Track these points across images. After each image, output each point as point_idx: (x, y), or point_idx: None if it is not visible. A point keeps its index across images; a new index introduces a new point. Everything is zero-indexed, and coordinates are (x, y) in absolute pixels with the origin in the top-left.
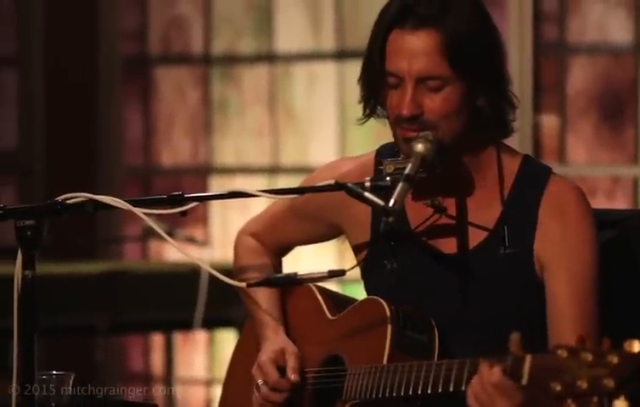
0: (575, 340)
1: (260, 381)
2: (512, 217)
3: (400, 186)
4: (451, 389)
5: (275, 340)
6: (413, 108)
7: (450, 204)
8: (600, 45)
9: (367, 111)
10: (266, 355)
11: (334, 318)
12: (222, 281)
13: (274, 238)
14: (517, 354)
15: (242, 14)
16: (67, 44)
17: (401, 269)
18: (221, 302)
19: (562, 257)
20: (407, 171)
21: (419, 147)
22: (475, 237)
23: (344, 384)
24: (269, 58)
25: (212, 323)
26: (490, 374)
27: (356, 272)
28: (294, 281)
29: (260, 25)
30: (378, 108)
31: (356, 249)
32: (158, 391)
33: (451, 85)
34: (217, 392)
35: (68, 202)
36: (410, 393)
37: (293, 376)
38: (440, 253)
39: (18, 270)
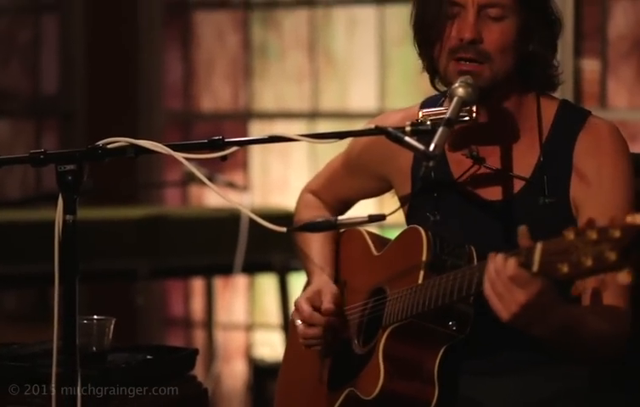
0: (585, 222)
1: (297, 321)
2: (550, 164)
3: (440, 130)
4: (473, 291)
5: (317, 282)
6: (474, 32)
7: (490, 153)
8: None
9: (424, 54)
10: (301, 296)
11: (378, 254)
12: (262, 226)
13: (333, 194)
14: (528, 245)
15: None
16: None
17: (444, 220)
18: (262, 246)
19: (594, 196)
20: (447, 115)
21: (460, 91)
22: (515, 186)
23: (384, 311)
24: (309, 2)
25: (252, 268)
26: (505, 267)
27: (396, 217)
28: (334, 225)
29: None
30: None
31: (401, 201)
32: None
33: (510, 17)
34: (257, 336)
35: (109, 146)
36: (439, 303)
37: (326, 307)
38: (482, 203)
39: (59, 214)
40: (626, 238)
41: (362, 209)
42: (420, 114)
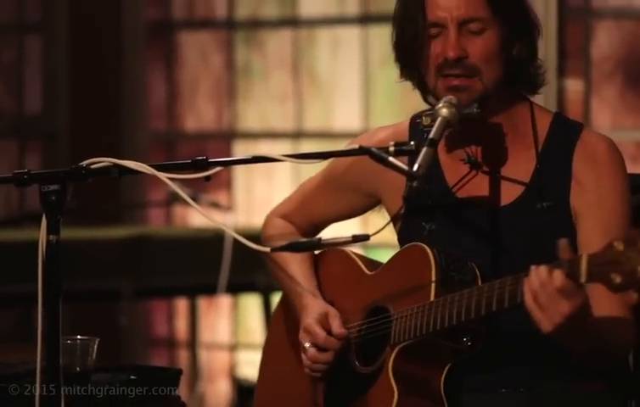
0: (629, 233)
1: (307, 344)
2: (547, 170)
3: (424, 150)
4: (506, 305)
5: (316, 304)
6: (459, 50)
7: (485, 160)
8: (625, 9)
9: (406, 71)
10: (310, 318)
11: (372, 273)
12: (246, 246)
13: (307, 217)
14: (570, 257)
15: None
16: (91, 9)
17: (439, 228)
18: (246, 267)
19: (595, 206)
20: (431, 135)
21: (443, 111)
22: (512, 192)
23: (391, 329)
24: (293, 22)
25: (236, 288)
26: (552, 278)
27: (380, 237)
28: (318, 245)
29: None
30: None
31: (393, 216)
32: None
33: (490, 29)
34: (241, 356)
35: (92, 166)
36: (462, 319)
37: (340, 331)
38: (478, 210)
39: (42, 234)
40: None
41: (346, 229)
42: (422, 118)
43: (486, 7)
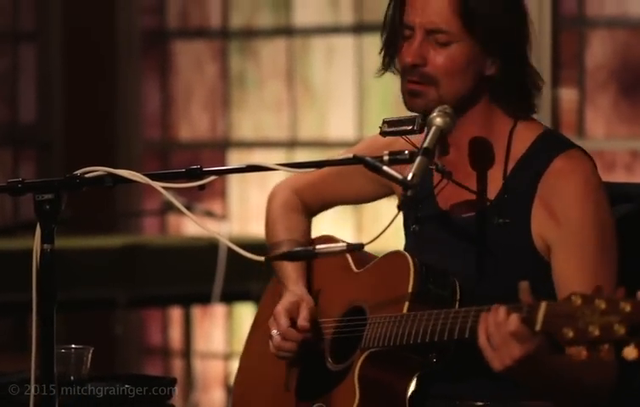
0: (592, 289)
1: (274, 332)
2: (513, 189)
3: (418, 159)
4: (466, 336)
5: (292, 292)
6: (417, 57)
7: (459, 170)
8: (619, 18)
9: (385, 64)
10: (281, 306)
11: (358, 271)
12: (241, 255)
13: (319, 195)
14: (530, 301)
15: None
16: (85, 18)
17: (421, 231)
18: (240, 275)
19: (568, 237)
20: (425, 144)
21: (438, 120)
22: (478, 205)
23: (363, 333)
24: (287, 31)
25: (231, 297)
26: (507, 322)
27: (375, 246)
28: (313, 255)
29: None
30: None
31: (390, 222)
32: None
33: (459, 43)
34: (235, 365)
35: (87, 176)
36: (426, 340)
37: (302, 324)
38: (450, 218)
39: (37, 244)
40: (638, 314)
41: (340, 235)
42: (382, 123)
43: (457, 21)
